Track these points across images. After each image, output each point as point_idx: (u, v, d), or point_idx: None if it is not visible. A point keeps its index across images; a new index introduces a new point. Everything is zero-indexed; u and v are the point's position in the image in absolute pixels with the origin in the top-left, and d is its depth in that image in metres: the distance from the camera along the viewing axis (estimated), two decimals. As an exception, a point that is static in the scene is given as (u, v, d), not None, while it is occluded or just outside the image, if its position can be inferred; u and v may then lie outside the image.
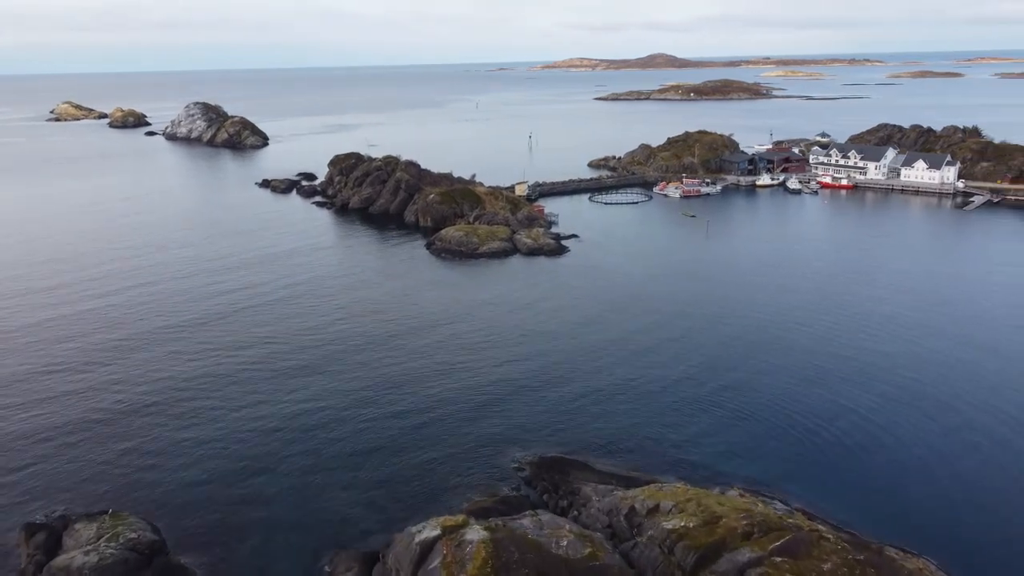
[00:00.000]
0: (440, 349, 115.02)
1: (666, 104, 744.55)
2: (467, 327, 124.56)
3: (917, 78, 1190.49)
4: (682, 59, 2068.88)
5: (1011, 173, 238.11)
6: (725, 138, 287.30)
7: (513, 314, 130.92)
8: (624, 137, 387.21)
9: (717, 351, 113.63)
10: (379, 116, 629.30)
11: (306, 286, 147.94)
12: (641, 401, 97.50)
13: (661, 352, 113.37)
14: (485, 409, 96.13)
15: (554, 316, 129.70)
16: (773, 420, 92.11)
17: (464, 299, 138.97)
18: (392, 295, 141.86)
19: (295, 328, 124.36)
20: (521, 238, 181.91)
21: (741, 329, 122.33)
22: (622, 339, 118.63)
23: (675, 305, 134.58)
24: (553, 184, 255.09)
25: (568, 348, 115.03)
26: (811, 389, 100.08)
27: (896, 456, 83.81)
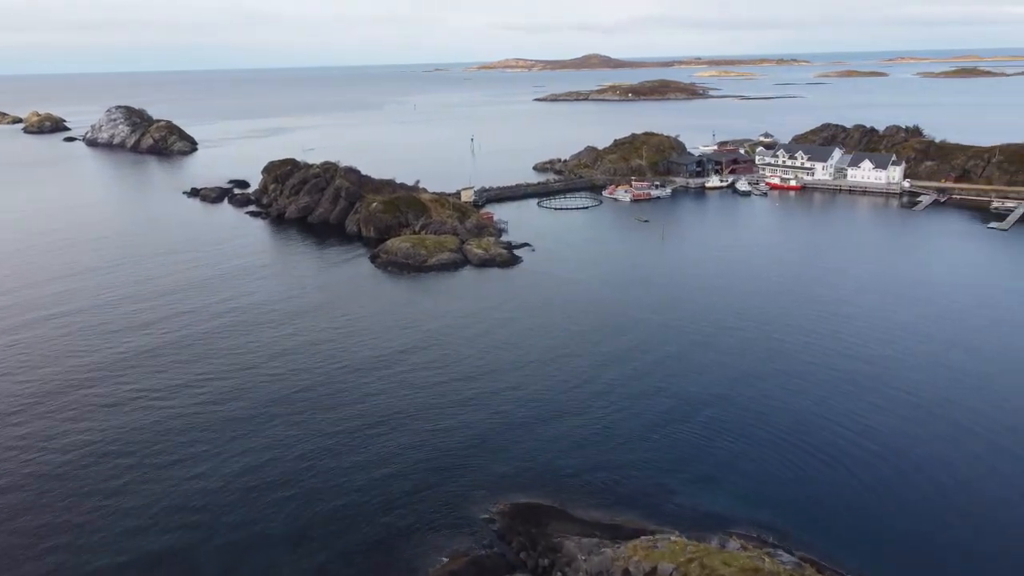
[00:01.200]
0: (395, 384, 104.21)
1: (606, 104, 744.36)
2: (422, 356, 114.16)
3: (844, 77, 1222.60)
4: (617, 59, 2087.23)
5: (954, 172, 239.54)
6: (672, 139, 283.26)
7: (471, 337, 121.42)
8: (568, 139, 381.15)
9: (693, 370, 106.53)
10: (314, 119, 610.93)
11: (242, 313, 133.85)
12: (618, 432, 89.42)
13: (634, 374, 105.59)
14: (448, 450, 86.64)
15: (515, 337, 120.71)
16: (765, 449, 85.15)
17: (416, 321, 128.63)
18: (338, 320, 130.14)
19: (231, 366, 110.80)
20: (471, 248, 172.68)
21: (714, 343, 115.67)
22: (592, 361, 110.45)
23: (641, 319, 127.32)
24: (500, 189, 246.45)
25: (535, 375, 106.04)
26: (801, 407, 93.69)
27: (910, 484, 77.71)
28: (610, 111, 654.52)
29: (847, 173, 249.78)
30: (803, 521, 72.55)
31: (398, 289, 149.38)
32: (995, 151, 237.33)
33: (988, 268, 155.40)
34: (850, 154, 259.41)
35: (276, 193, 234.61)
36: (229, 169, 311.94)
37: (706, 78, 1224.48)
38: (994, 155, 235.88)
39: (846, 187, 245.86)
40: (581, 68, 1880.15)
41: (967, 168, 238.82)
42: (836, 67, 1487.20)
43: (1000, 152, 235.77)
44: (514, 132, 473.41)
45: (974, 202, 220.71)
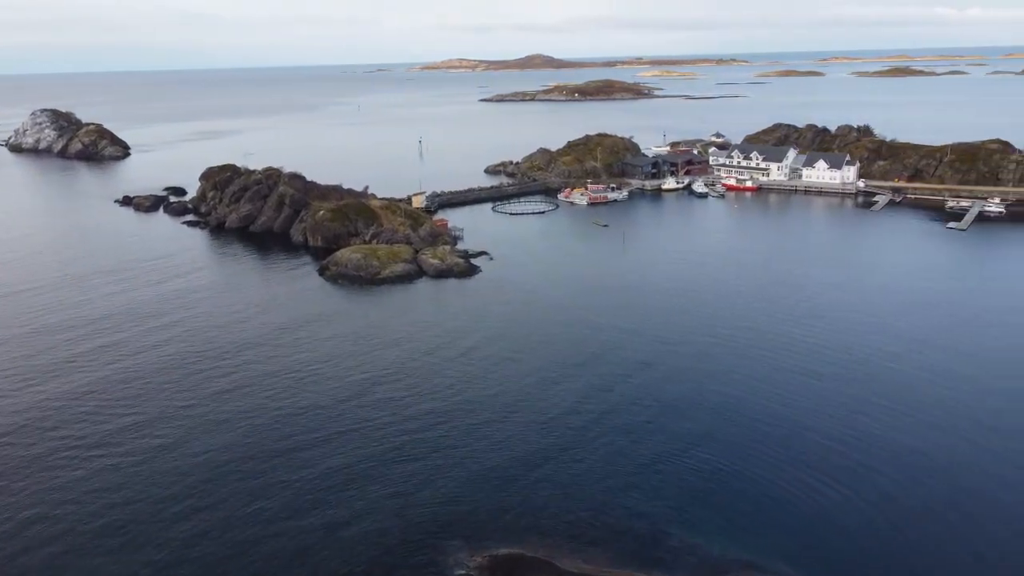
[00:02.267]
0: (358, 423, 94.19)
1: (552, 105, 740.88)
2: (385, 390, 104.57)
3: (783, 77, 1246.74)
4: (560, 60, 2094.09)
5: (907, 172, 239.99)
6: (626, 141, 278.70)
7: (435, 365, 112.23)
8: (519, 140, 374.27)
9: (673, 390, 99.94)
10: (254, 121, 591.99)
11: (182, 343, 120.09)
12: (606, 470, 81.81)
13: (619, 401, 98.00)
14: (418, 496, 78.00)
15: (483, 362, 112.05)
16: (757, 479, 78.88)
17: (373, 346, 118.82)
18: (289, 347, 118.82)
19: (171, 408, 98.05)
20: (427, 258, 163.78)
21: (691, 358, 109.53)
22: (570, 388, 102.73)
23: (611, 333, 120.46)
24: (452, 194, 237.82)
25: (510, 407, 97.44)
26: (789, 431, 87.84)
27: (925, 515, 72.26)
28: (558, 111, 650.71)
29: (802, 173, 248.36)
30: (806, 562, 66.38)
31: (351, 306, 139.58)
32: (946, 150, 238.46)
33: (954, 269, 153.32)
34: (804, 154, 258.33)
35: (215, 201, 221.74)
36: (165, 175, 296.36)
37: (649, 78, 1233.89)
38: (945, 154, 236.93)
39: (801, 188, 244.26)
40: (525, 68, 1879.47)
41: (919, 167, 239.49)
42: (774, 67, 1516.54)
43: (951, 151, 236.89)
44: (462, 133, 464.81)
45: (929, 202, 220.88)
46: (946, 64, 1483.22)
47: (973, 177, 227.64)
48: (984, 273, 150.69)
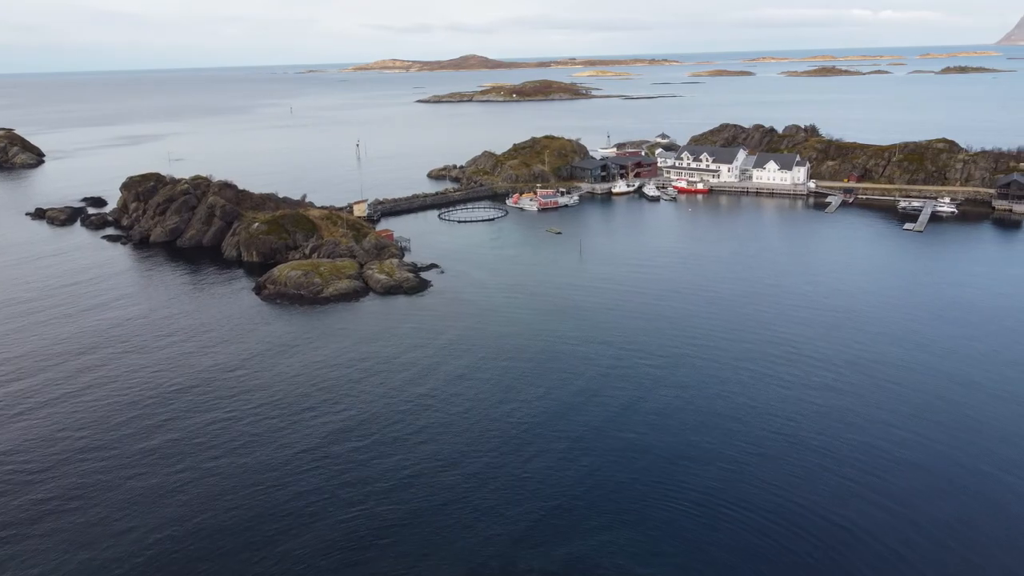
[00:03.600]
0: (307, 470, 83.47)
1: (491, 106, 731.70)
2: (332, 421, 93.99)
3: (715, 76, 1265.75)
4: (494, 60, 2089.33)
5: (856, 172, 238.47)
6: (573, 143, 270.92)
7: (390, 395, 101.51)
8: (461, 143, 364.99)
9: (654, 422, 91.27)
10: (180, 125, 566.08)
11: (103, 389, 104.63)
12: (579, 512, 72.73)
13: (589, 432, 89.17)
14: (374, 552, 67.41)
15: (442, 390, 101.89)
16: (754, 533, 70.75)
17: (321, 376, 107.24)
18: (226, 384, 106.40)
19: (86, 473, 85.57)
20: (373, 273, 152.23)
21: (671, 384, 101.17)
22: (538, 415, 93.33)
23: (580, 354, 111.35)
24: (396, 201, 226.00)
25: (474, 442, 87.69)
26: (778, 469, 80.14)
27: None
28: (497, 112, 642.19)
29: (752, 175, 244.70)
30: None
31: (292, 329, 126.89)
32: (894, 150, 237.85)
33: (921, 273, 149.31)
34: (753, 155, 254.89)
35: (138, 213, 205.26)
36: (82, 185, 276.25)
37: (585, 78, 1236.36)
38: (894, 154, 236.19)
39: (752, 189, 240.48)
40: (460, 69, 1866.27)
41: (868, 167, 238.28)
42: (706, 66, 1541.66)
43: (899, 151, 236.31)
44: (401, 136, 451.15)
45: (880, 202, 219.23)
46: (868, 64, 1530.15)
47: (921, 177, 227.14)
48: (954, 277, 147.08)
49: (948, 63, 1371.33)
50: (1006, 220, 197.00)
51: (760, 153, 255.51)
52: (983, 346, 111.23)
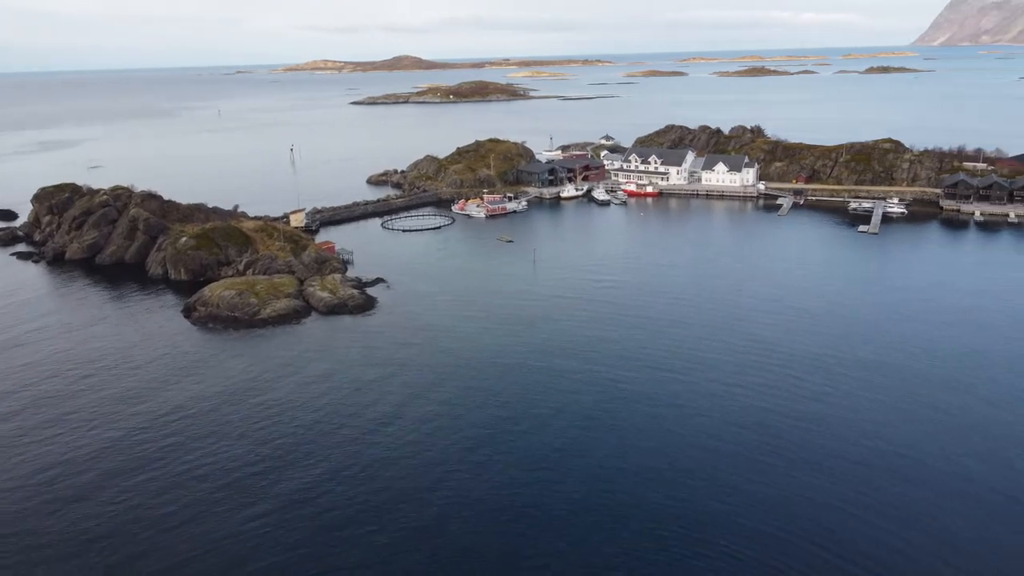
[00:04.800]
0: (254, 534, 73.22)
1: (428, 107, 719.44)
2: (283, 485, 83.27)
3: (649, 76, 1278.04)
4: (429, 60, 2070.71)
5: (804, 173, 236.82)
6: (519, 146, 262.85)
7: (344, 442, 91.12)
8: (401, 146, 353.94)
9: (640, 465, 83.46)
10: (99, 129, 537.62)
11: (6, 443, 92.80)
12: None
13: (577, 486, 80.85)
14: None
15: (405, 434, 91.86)
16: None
17: (263, 415, 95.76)
18: (152, 426, 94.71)
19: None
20: (315, 291, 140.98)
21: (644, 400, 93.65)
22: (520, 463, 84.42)
23: (549, 381, 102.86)
24: (335, 209, 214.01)
25: (445, 501, 78.32)
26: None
27: None
28: (434, 114, 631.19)
29: (701, 177, 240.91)
30: None
31: (227, 357, 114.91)
32: (841, 151, 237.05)
33: (887, 277, 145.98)
34: (702, 157, 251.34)
35: (52, 227, 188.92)
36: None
37: (521, 78, 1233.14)
38: (841, 155, 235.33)
39: (702, 192, 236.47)
40: (394, 69, 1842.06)
41: (816, 168, 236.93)
42: (639, 67, 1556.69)
43: (846, 152, 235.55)
44: (337, 139, 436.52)
45: (830, 203, 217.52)
46: (795, 64, 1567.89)
47: (869, 177, 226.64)
48: (919, 280, 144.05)
49: (870, 63, 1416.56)
50: (955, 220, 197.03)
51: (708, 155, 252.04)
52: (986, 352, 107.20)
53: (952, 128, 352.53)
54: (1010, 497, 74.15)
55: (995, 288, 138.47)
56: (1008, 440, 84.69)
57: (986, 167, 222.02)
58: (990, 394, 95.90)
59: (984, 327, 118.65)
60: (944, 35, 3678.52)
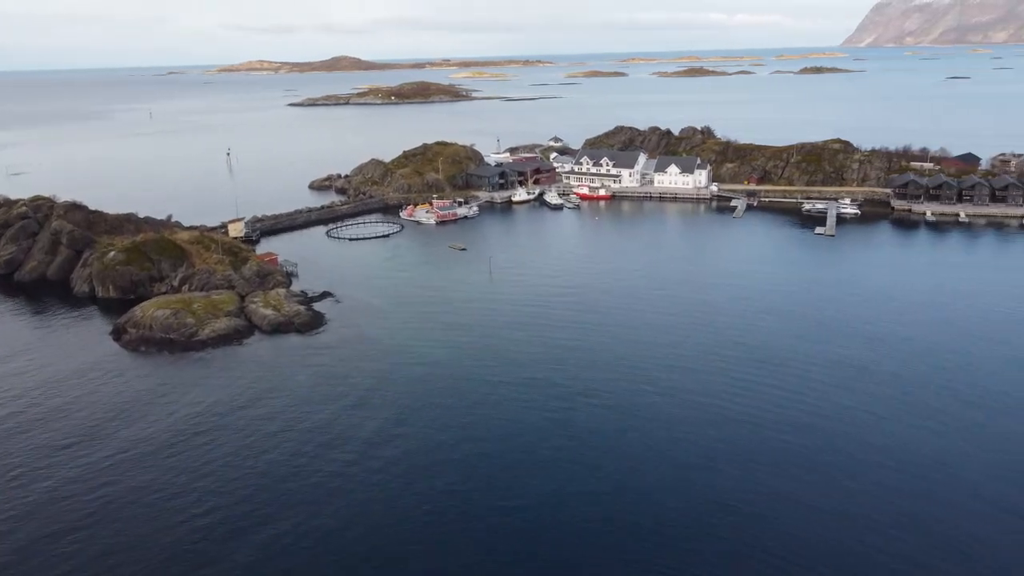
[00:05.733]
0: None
1: (369, 108, 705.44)
2: (233, 528, 74.76)
3: (590, 77, 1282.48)
4: (368, 61, 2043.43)
5: (756, 173, 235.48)
6: (468, 149, 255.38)
7: (297, 473, 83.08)
8: (343, 149, 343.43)
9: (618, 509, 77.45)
10: (18, 134, 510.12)
11: None
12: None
13: (546, 498, 74.38)
14: None
15: (365, 475, 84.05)
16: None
17: (202, 450, 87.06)
18: (77, 473, 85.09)
19: None
20: (257, 308, 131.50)
21: (621, 424, 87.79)
22: (499, 507, 77.56)
23: (512, 408, 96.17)
24: (277, 217, 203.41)
25: (415, 552, 71.11)
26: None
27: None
28: (376, 115, 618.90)
29: (654, 179, 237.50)
30: None
31: (162, 386, 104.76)
32: (792, 151, 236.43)
33: (853, 282, 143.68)
34: (654, 159, 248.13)
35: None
36: None
37: (462, 79, 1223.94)
38: (791, 155, 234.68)
39: (655, 194, 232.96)
40: (332, 70, 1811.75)
41: (767, 169, 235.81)
42: (580, 67, 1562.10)
43: (797, 152, 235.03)
44: (276, 143, 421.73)
45: (784, 204, 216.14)
46: (732, 65, 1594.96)
47: (820, 178, 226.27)
48: (884, 281, 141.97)
49: (803, 64, 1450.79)
50: (906, 220, 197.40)
51: (660, 156, 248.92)
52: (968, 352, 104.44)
53: (892, 128, 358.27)
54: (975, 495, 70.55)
55: (970, 289, 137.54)
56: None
57: (933, 167, 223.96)
58: (971, 394, 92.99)
59: (960, 326, 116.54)
60: (870, 36, 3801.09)
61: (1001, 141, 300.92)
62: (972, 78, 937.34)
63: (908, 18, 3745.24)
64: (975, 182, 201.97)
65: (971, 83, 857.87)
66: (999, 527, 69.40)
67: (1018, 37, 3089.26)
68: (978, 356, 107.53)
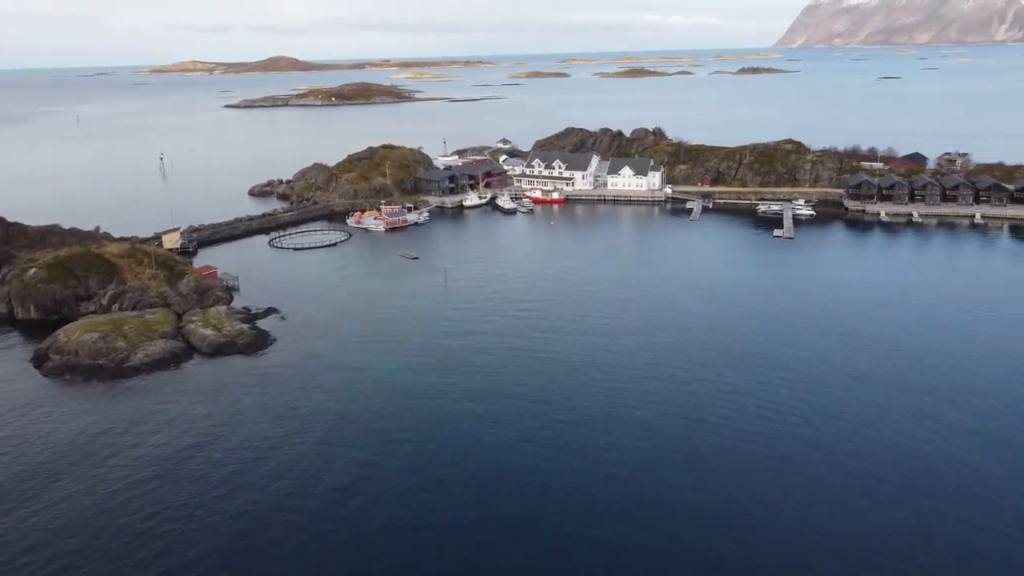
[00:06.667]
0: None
1: (309, 110, 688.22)
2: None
3: (533, 78, 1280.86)
4: (306, 62, 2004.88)
5: (709, 175, 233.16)
6: (416, 152, 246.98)
7: (243, 513, 74.58)
8: (284, 153, 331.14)
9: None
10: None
11: None
12: None
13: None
14: None
15: (317, 492, 76.33)
16: None
17: (139, 493, 78.05)
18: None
19: None
20: (196, 328, 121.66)
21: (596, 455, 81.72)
22: (447, 523, 70.42)
23: (477, 435, 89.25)
24: (215, 227, 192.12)
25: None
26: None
27: None
28: (317, 117, 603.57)
29: (607, 182, 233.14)
30: None
31: (90, 420, 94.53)
32: (744, 152, 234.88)
33: (809, 282, 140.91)
34: (606, 161, 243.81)
35: None
36: None
37: (404, 80, 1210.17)
38: (744, 156, 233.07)
39: (609, 197, 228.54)
40: (269, 71, 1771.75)
41: (721, 170, 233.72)
42: (522, 68, 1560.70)
43: (749, 153, 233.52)
44: (213, 146, 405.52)
45: (739, 206, 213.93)
46: (670, 65, 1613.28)
47: (773, 179, 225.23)
48: (848, 283, 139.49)
49: (739, 64, 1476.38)
50: (861, 220, 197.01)
51: (613, 158, 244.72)
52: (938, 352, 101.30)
53: (838, 128, 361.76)
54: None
55: (940, 289, 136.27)
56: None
57: (883, 167, 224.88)
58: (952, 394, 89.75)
59: (937, 325, 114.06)
60: (802, 38, 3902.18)
61: (943, 140, 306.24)
62: (903, 78, 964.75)
63: (837, 20, 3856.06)
64: (926, 182, 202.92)
65: (902, 83, 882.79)
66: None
67: (940, 38, 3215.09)
68: (963, 357, 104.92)
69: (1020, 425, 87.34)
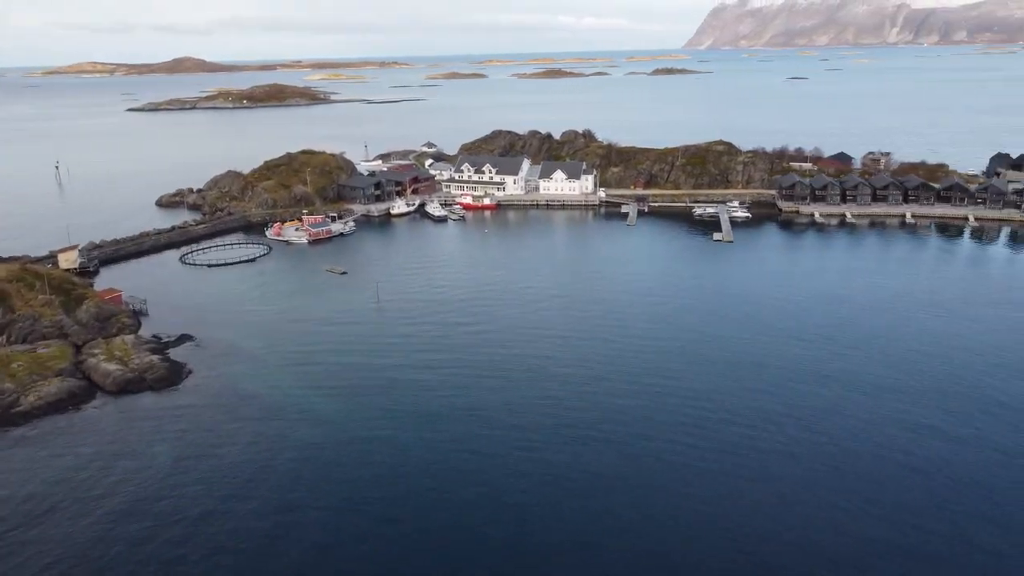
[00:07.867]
0: None
1: (219, 113, 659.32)
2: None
3: (451, 79, 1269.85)
4: (213, 63, 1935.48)
5: (642, 177, 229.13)
6: (338, 158, 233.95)
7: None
8: (194, 160, 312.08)
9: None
10: None
11: None
12: None
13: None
14: None
15: (245, 559, 65.61)
16: None
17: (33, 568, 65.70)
18: None
19: None
20: (98, 362, 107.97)
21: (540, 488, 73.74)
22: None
23: (422, 476, 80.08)
24: (119, 243, 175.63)
25: None
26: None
27: None
28: (228, 121, 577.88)
29: (539, 186, 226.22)
30: None
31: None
32: (677, 154, 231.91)
33: (756, 287, 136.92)
34: (537, 164, 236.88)
35: None
36: None
37: (318, 81, 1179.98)
38: (676, 158, 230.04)
39: (542, 202, 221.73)
40: (175, 72, 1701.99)
41: (653, 172, 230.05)
42: (438, 69, 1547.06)
43: (682, 155, 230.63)
44: (115, 153, 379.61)
45: (674, 209, 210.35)
46: (587, 66, 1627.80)
47: (706, 180, 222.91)
48: (799, 287, 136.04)
49: (653, 65, 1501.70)
50: (795, 221, 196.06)
51: (544, 162, 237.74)
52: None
53: (762, 129, 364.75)
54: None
55: (901, 288, 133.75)
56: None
57: (812, 167, 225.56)
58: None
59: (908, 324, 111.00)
60: (709, 39, 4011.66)
61: (865, 139, 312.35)
62: (809, 79, 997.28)
63: (742, 22, 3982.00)
64: (857, 182, 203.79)
65: (811, 83, 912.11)
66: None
67: (838, 40, 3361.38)
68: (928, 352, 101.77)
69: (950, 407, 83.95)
